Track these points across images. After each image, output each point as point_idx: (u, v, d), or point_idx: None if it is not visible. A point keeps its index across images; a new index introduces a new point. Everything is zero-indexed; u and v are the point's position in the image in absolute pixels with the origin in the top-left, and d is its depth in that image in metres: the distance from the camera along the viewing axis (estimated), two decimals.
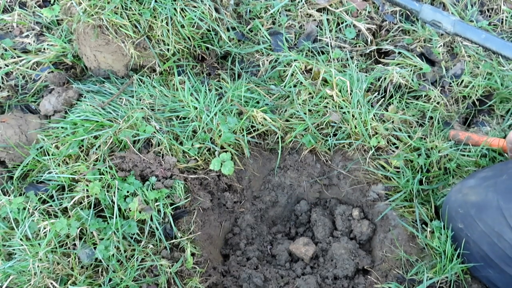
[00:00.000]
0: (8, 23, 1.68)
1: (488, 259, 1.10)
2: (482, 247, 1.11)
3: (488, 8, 1.93)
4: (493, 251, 1.08)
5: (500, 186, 1.10)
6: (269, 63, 1.66)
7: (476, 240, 1.12)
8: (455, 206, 1.17)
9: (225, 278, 1.29)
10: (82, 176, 1.25)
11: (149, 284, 1.14)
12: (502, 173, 1.13)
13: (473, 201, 1.13)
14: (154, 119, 1.40)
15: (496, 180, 1.12)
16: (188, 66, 1.62)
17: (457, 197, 1.18)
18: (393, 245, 1.30)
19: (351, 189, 1.49)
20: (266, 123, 1.45)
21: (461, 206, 1.15)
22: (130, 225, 1.18)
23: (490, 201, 1.09)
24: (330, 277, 1.32)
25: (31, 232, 1.16)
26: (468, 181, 1.19)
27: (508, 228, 1.03)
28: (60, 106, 1.48)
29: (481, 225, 1.09)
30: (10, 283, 1.11)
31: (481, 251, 1.11)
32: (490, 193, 1.10)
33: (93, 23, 1.45)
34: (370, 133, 1.43)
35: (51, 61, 1.60)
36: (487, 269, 1.13)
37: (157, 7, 1.46)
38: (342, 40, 1.73)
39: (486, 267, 1.13)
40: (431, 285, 1.17)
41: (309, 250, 1.39)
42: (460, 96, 1.61)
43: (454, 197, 1.19)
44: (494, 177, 1.14)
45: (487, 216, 1.09)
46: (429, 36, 1.72)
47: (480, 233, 1.10)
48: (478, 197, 1.12)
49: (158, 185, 1.27)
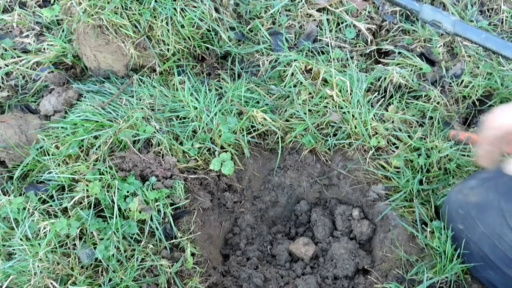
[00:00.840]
0: (8, 23, 1.68)
1: (489, 260, 1.10)
2: (482, 248, 1.10)
3: (488, 8, 1.93)
4: (494, 253, 1.07)
5: (502, 187, 1.09)
6: (269, 63, 1.66)
7: (477, 241, 1.11)
8: (456, 206, 1.16)
9: (225, 278, 1.29)
10: (82, 176, 1.25)
11: (149, 284, 1.14)
12: (504, 174, 1.12)
13: (474, 202, 1.12)
14: (154, 119, 1.40)
15: (497, 181, 1.11)
16: (188, 66, 1.62)
17: (458, 197, 1.17)
18: (393, 245, 1.30)
19: (351, 189, 1.49)
20: (266, 123, 1.45)
21: (461, 207, 1.15)
22: (130, 225, 1.18)
23: (491, 202, 1.08)
24: (330, 277, 1.32)
25: (31, 232, 1.16)
26: (468, 181, 1.18)
27: (509, 230, 1.03)
28: (60, 106, 1.48)
29: (482, 226, 1.09)
30: (10, 283, 1.11)
31: (481, 252, 1.11)
32: (491, 194, 1.09)
33: (93, 23, 1.45)
34: (370, 133, 1.43)
35: (51, 61, 1.60)
36: (487, 270, 1.12)
37: (157, 7, 1.46)
38: (342, 40, 1.73)
39: (486, 268, 1.12)
40: (431, 285, 1.17)
41: (309, 250, 1.39)
42: (460, 96, 1.61)
43: (454, 198, 1.18)
44: (495, 178, 1.13)
45: (487, 217, 1.08)
46: (429, 36, 1.72)
47: (481, 234, 1.09)
48: (479, 198, 1.11)
49: (158, 185, 1.26)
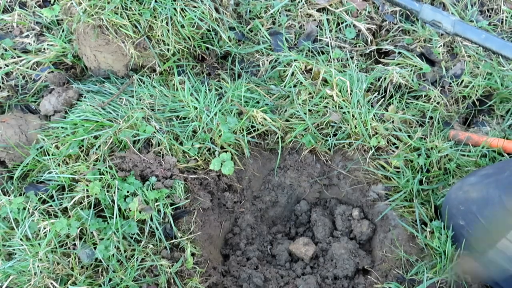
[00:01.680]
0: (8, 23, 1.68)
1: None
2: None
3: (488, 8, 1.92)
4: None
5: (502, 182, 1.10)
6: (269, 63, 1.66)
7: (478, 237, 1.12)
8: (456, 203, 1.17)
9: (225, 278, 1.29)
10: (82, 176, 1.25)
11: (149, 284, 1.14)
12: (504, 170, 1.14)
13: (474, 198, 1.13)
14: (154, 119, 1.40)
15: (497, 177, 1.13)
16: (188, 66, 1.62)
17: (458, 194, 1.18)
18: (393, 245, 1.29)
19: (351, 189, 1.49)
20: (266, 123, 1.45)
21: (462, 203, 1.16)
22: (130, 225, 1.18)
23: (492, 197, 1.10)
24: (330, 277, 1.32)
25: (31, 232, 1.16)
26: (468, 178, 1.20)
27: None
28: (60, 106, 1.48)
29: (483, 220, 1.10)
30: (10, 283, 1.11)
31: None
32: (492, 190, 1.11)
33: (93, 23, 1.45)
34: (370, 133, 1.43)
35: (51, 61, 1.60)
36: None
37: (157, 7, 1.46)
38: (342, 40, 1.73)
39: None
40: (431, 285, 1.17)
41: (309, 250, 1.39)
42: (460, 96, 1.61)
43: (454, 195, 1.19)
44: (495, 175, 1.15)
45: (489, 212, 1.09)
46: (429, 36, 1.72)
47: (482, 228, 1.10)
48: (479, 194, 1.13)
49: (158, 185, 1.26)
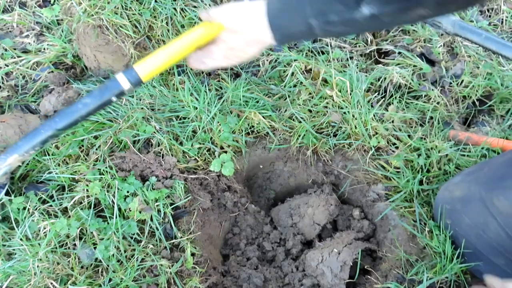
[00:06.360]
0: (8, 23, 1.68)
1: (478, 252, 1.12)
2: (470, 240, 1.13)
3: (488, 8, 1.93)
4: (481, 243, 1.10)
5: (482, 178, 1.12)
6: (269, 63, 1.66)
7: (464, 234, 1.14)
8: (443, 203, 1.20)
9: (225, 278, 1.29)
10: (82, 176, 1.25)
11: (149, 284, 1.14)
12: (483, 167, 1.15)
13: (458, 196, 1.15)
14: (154, 119, 1.40)
15: (478, 173, 1.15)
16: (188, 66, 1.62)
17: (444, 194, 1.21)
18: (393, 245, 1.29)
19: (351, 189, 1.49)
20: (266, 124, 1.45)
21: (448, 203, 1.18)
22: (130, 225, 1.18)
23: (473, 193, 1.11)
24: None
25: (31, 232, 1.16)
26: (454, 178, 1.23)
27: (492, 217, 1.05)
28: (60, 106, 1.48)
29: (467, 218, 1.11)
30: (10, 283, 1.11)
31: (469, 244, 1.13)
32: (473, 186, 1.12)
33: (93, 23, 1.45)
34: (370, 133, 1.43)
35: (51, 61, 1.60)
36: (477, 262, 1.14)
37: (157, 7, 1.46)
38: (342, 40, 1.73)
39: (476, 261, 1.14)
40: (431, 285, 1.17)
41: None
42: (460, 96, 1.61)
43: (441, 196, 1.21)
44: (476, 171, 1.17)
45: (471, 208, 1.11)
46: (429, 36, 1.72)
47: (467, 226, 1.12)
48: (463, 192, 1.14)
49: (158, 185, 1.26)
